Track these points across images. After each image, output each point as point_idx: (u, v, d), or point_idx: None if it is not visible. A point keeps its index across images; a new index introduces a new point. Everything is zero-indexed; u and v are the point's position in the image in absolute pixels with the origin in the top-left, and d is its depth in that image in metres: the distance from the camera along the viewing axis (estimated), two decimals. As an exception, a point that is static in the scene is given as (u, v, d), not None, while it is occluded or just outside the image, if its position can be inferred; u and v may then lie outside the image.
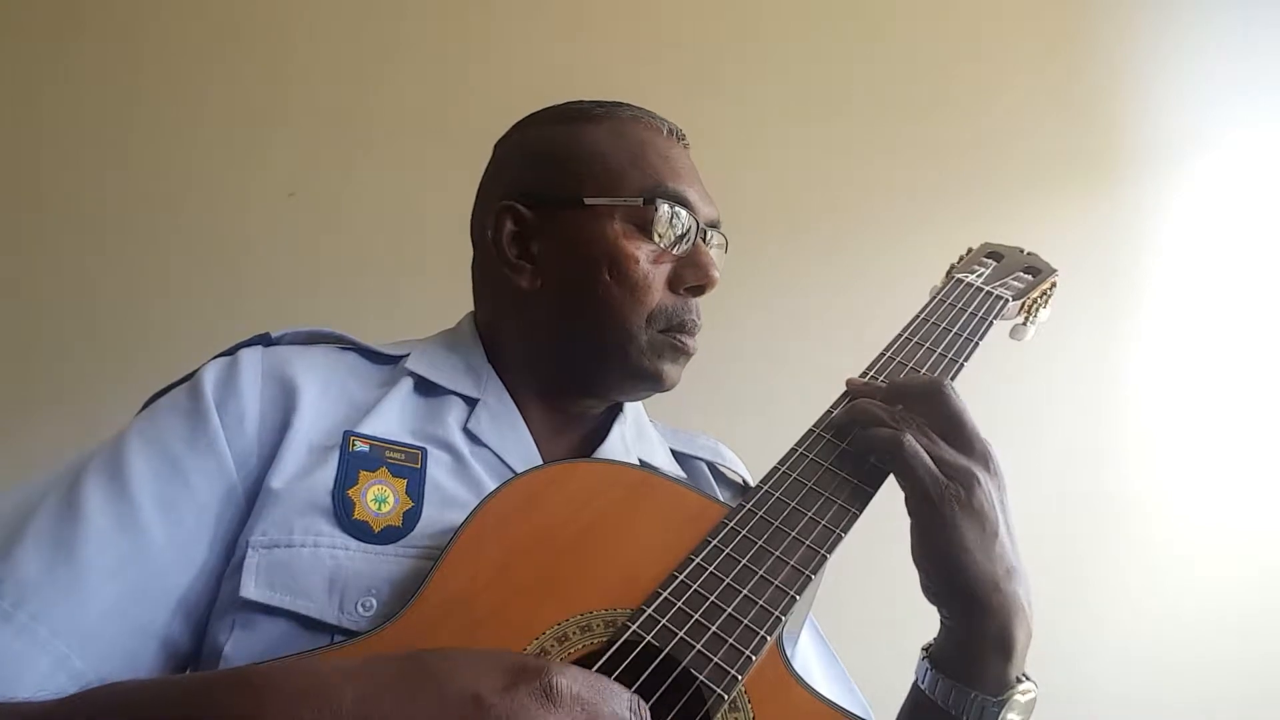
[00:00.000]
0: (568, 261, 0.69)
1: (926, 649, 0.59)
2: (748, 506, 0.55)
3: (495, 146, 0.78)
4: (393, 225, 1.31)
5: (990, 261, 0.81)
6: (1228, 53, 1.54)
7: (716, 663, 0.46)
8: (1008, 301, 0.74)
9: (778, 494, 0.56)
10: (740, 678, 0.45)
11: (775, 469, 0.59)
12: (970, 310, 0.72)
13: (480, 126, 0.80)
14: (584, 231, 0.68)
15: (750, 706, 0.46)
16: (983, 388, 0.82)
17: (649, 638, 0.47)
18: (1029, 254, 0.82)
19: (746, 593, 0.50)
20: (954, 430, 0.57)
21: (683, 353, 0.70)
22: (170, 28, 1.29)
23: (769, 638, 0.48)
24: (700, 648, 0.46)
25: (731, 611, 0.49)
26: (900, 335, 0.70)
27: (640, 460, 0.72)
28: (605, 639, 0.47)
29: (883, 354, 0.68)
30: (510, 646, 0.46)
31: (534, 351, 0.71)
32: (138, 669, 0.51)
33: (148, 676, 0.51)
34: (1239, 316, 1.50)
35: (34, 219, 1.23)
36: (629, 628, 0.47)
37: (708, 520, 0.55)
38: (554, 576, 0.51)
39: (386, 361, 0.70)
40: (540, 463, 0.66)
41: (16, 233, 1.22)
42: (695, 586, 0.50)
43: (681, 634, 0.47)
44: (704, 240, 0.71)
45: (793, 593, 0.50)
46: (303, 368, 0.63)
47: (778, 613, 0.49)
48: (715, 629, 0.47)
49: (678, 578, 0.50)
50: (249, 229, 1.27)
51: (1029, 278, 0.79)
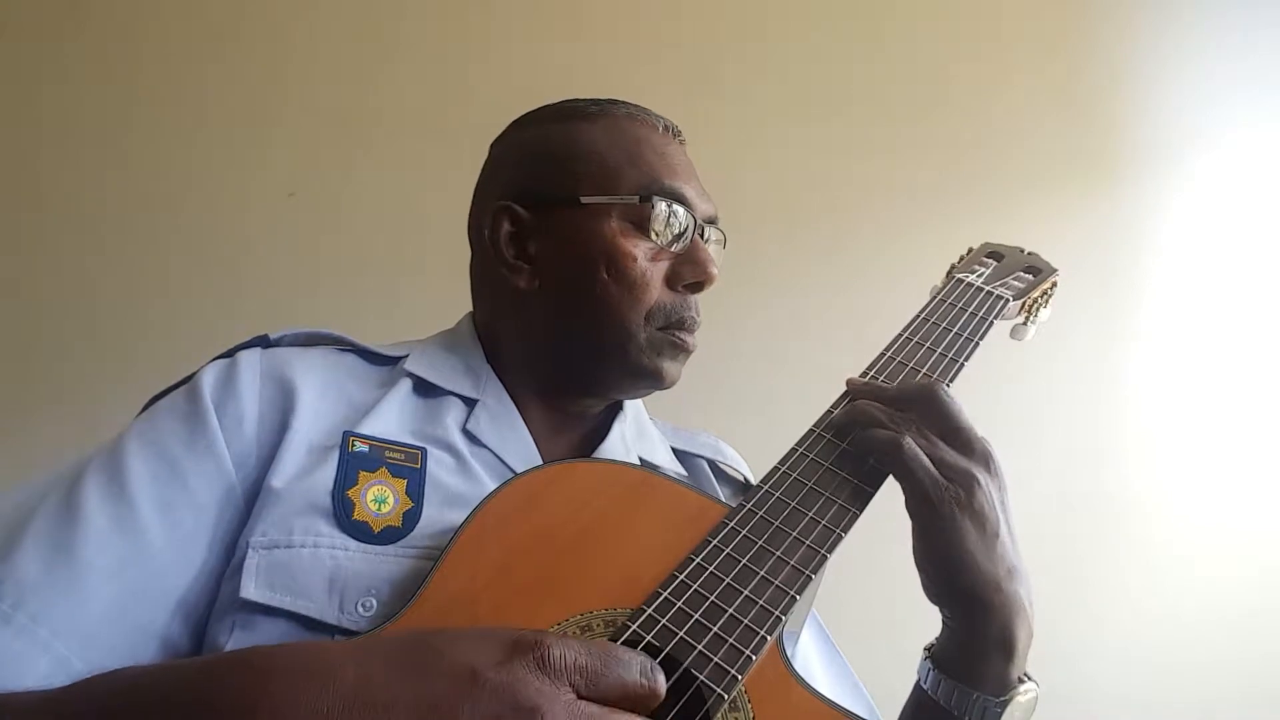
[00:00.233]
0: (565, 261, 0.69)
1: (928, 649, 0.59)
2: (748, 506, 0.55)
3: (491, 146, 0.78)
4: (393, 225, 1.31)
5: (991, 261, 0.81)
6: (1228, 53, 1.54)
7: (717, 662, 0.46)
8: (1008, 301, 0.74)
9: (778, 494, 0.56)
10: (740, 677, 0.45)
11: (775, 469, 0.59)
12: (971, 310, 0.72)
13: (480, 126, 0.80)
14: (581, 230, 0.68)
15: (750, 706, 0.46)
16: (983, 388, 0.82)
17: (649, 637, 0.46)
18: (1029, 254, 0.82)
19: (747, 592, 0.50)
20: (953, 432, 0.57)
21: (682, 350, 0.70)
22: (170, 28, 1.29)
23: (769, 637, 0.48)
24: (700, 648, 0.46)
25: (732, 611, 0.48)
26: (900, 335, 0.69)
27: (641, 458, 0.72)
28: (605, 639, 0.47)
29: (883, 354, 0.68)
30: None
31: (533, 351, 0.71)
32: (137, 670, 0.51)
33: None
34: (1239, 316, 1.50)
35: (34, 219, 1.23)
36: (629, 627, 0.47)
37: (708, 520, 0.55)
38: (554, 576, 0.51)
39: (385, 362, 0.70)
40: (540, 462, 0.66)
41: (16, 233, 1.22)
42: (695, 586, 0.50)
43: (681, 634, 0.47)
44: (701, 237, 0.71)
45: (793, 592, 0.50)
46: (302, 369, 0.63)
47: (778, 612, 0.49)
48: (715, 629, 0.47)
49: (678, 577, 0.50)
50: (249, 229, 1.27)
51: (1029, 277, 0.79)
